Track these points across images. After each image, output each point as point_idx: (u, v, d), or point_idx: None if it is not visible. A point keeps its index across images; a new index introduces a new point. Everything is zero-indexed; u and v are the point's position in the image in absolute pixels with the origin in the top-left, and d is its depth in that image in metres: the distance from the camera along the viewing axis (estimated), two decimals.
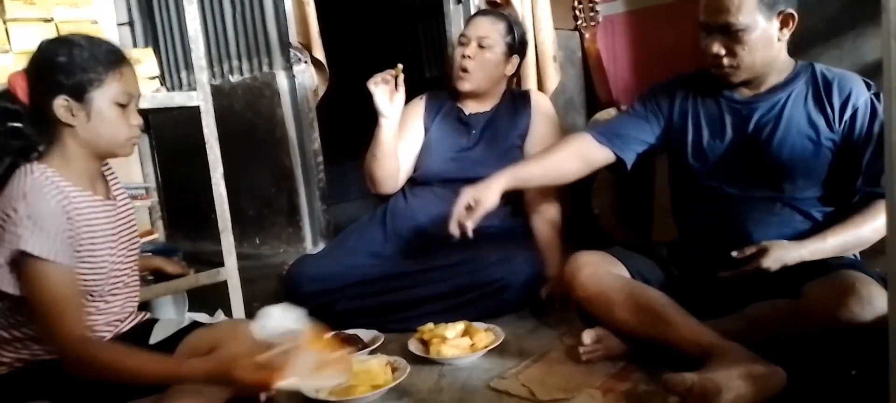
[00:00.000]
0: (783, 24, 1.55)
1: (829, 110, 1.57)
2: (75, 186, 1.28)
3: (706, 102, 1.71)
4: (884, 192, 1.42)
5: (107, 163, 1.43)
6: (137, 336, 1.41)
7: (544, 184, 1.91)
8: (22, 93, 1.27)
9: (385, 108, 2.02)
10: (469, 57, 2.16)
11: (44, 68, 1.27)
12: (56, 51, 1.27)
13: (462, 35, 2.21)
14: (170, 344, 1.37)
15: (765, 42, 1.55)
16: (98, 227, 1.31)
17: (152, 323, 1.48)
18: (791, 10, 1.54)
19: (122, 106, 1.29)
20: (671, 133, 1.76)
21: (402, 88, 2.06)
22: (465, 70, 2.17)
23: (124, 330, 1.43)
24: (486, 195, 1.75)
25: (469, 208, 1.74)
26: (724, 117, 1.67)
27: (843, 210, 1.56)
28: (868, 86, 1.57)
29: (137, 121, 1.34)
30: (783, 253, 1.46)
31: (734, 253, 1.49)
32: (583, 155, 1.79)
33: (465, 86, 2.21)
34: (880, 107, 1.52)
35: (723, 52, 1.57)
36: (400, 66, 1.98)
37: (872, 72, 2.05)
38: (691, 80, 1.76)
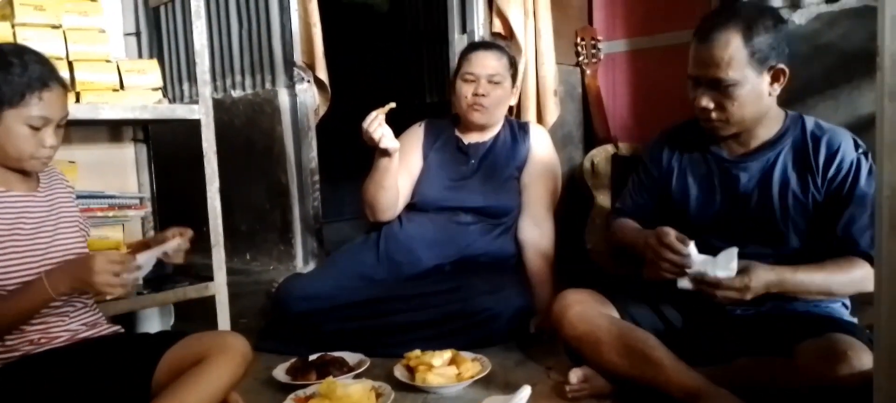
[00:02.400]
0: (774, 79, 1.52)
1: (814, 166, 1.53)
2: None
3: (694, 159, 1.68)
4: (863, 250, 1.44)
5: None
6: (110, 349, 1.40)
7: None
8: None
9: (392, 144, 2.03)
10: (484, 95, 2.18)
11: None
12: None
13: (468, 73, 2.20)
14: (153, 354, 1.36)
15: (755, 97, 1.51)
16: (1, 221, 1.33)
17: (123, 338, 1.47)
18: (782, 65, 1.51)
19: (35, 128, 1.32)
20: (661, 193, 1.75)
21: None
22: (481, 106, 2.19)
23: (91, 337, 1.42)
24: None
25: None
26: (712, 177, 1.64)
27: (820, 255, 1.52)
28: (856, 146, 1.54)
29: (52, 142, 1.35)
30: (762, 275, 1.44)
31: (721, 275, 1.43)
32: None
33: (481, 119, 2.22)
34: (865, 168, 1.50)
35: (712, 105, 1.53)
36: (392, 104, 1.99)
37: (867, 126, 2.08)
38: (678, 136, 1.73)
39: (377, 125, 1.97)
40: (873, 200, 1.46)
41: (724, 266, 1.42)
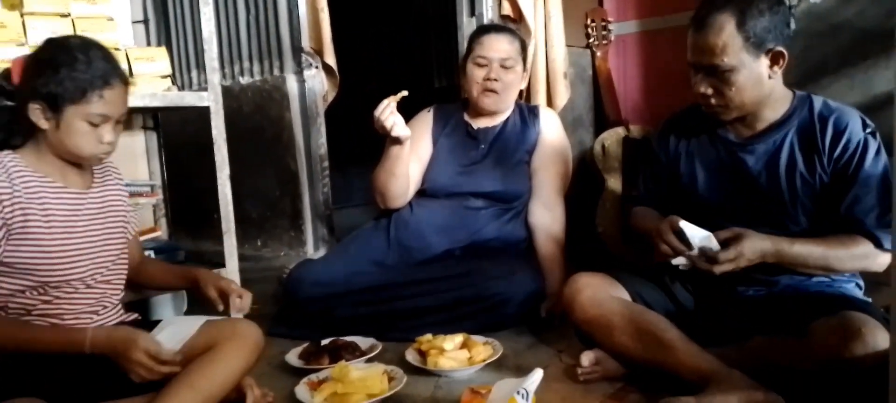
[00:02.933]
0: (773, 62, 1.50)
1: (821, 147, 1.52)
2: (41, 174, 1.34)
3: (701, 143, 1.67)
4: (868, 229, 1.42)
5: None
6: None
7: None
8: (16, 77, 1.33)
9: (404, 132, 2.02)
10: (495, 79, 2.16)
11: (34, 67, 1.31)
12: (52, 55, 1.30)
13: (480, 56, 2.18)
14: None
15: (754, 81, 1.50)
16: (55, 215, 1.33)
17: (139, 324, 1.48)
18: (780, 48, 1.49)
19: (95, 124, 1.32)
20: (671, 178, 1.74)
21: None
22: (493, 91, 2.17)
23: (105, 323, 1.43)
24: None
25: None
26: (720, 160, 1.63)
27: (823, 231, 1.51)
28: (865, 125, 1.52)
29: (110, 138, 1.35)
30: (756, 244, 1.43)
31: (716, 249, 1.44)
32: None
33: (492, 105, 2.20)
34: (872, 148, 1.48)
35: (710, 92, 1.52)
36: (404, 92, 1.98)
37: (883, 105, 2.05)
38: (684, 120, 1.72)
39: (389, 113, 1.96)
40: (879, 180, 1.45)
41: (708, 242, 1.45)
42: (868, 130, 1.50)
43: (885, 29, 2.08)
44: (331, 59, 2.61)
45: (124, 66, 2.00)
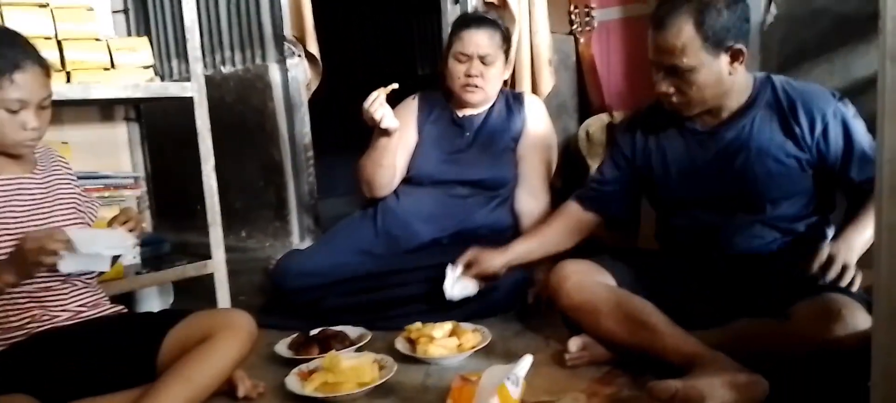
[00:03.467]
0: (733, 58, 1.51)
1: (797, 130, 1.53)
2: None
3: (669, 136, 1.68)
4: None
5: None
6: (115, 328, 1.40)
7: (545, 255, 1.93)
8: None
9: (393, 123, 2.02)
10: (476, 75, 2.16)
11: None
12: None
13: (460, 53, 2.16)
14: (158, 332, 1.36)
15: (714, 79, 1.51)
16: None
17: (127, 317, 1.47)
18: (740, 45, 1.50)
19: (13, 111, 1.30)
20: (640, 175, 1.76)
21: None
22: (476, 86, 2.17)
23: (95, 316, 1.42)
24: (491, 263, 1.86)
25: (469, 265, 1.85)
26: (690, 150, 1.64)
27: (852, 208, 1.53)
28: (832, 95, 1.55)
29: (33, 124, 1.33)
30: (848, 255, 1.41)
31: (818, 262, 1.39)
32: (575, 225, 1.87)
33: (476, 100, 2.21)
34: (849, 112, 1.52)
35: (672, 90, 1.54)
36: (394, 85, 1.99)
37: (862, 89, 2.09)
38: (651, 115, 1.73)
39: (379, 105, 1.96)
40: (870, 140, 1.49)
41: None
42: (837, 98, 1.54)
43: (864, 14, 2.11)
44: (313, 48, 2.58)
45: (105, 56, 1.98)
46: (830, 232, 1.64)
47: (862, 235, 1.46)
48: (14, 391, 1.19)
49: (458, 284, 1.83)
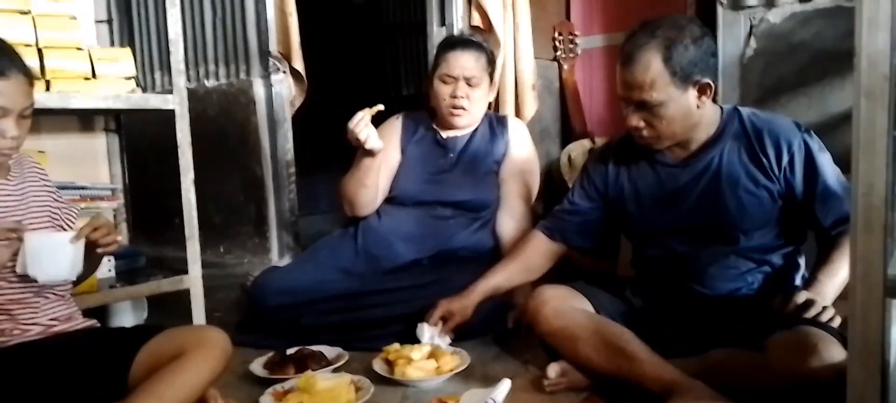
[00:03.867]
0: (701, 92, 1.53)
1: (765, 161, 1.55)
2: None
3: (641, 169, 1.70)
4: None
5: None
6: (85, 343, 1.37)
7: (516, 285, 1.95)
8: None
9: (377, 144, 2.02)
10: (461, 97, 2.17)
11: None
12: None
13: (446, 75, 2.18)
14: (130, 348, 1.34)
15: (683, 113, 1.53)
16: None
17: (99, 331, 1.44)
18: (708, 80, 1.52)
19: None
20: (612, 208, 1.77)
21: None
22: (462, 108, 2.18)
23: (66, 330, 1.39)
24: (465, 310, 1.86)
25: (444, 319, 1.84)
26: (661, 183, 1.66)
27: (822, 252, 1.55)
28: (798, 127, 1.58)
29: (12, 132, 1.31)
30: (823, 300, 1.43)
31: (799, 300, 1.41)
32: (542, 254, 1.88)
33: (462, 122, 2.21)
34: (815, 146, 1.54)
35: (642, 124, 1.55)
36: (380, 106, 2.00)
37: (837, 124, 2.13)
38: (622, 147, 1.74)
39: (364, 126, 1.97)
40: (836, 178, 1.51)
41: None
42: (802, 130, 1.56)
43: (841, 50, 2.16)
44: (299, 64, 2.58)
45: (87, 66, 1.96)
46: (802, 262, 1.66)
47: (834, 279, 1.48)
48: None
49: (434, 340, 1.79)
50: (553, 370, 1.56)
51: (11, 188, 1.40)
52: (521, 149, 2.28)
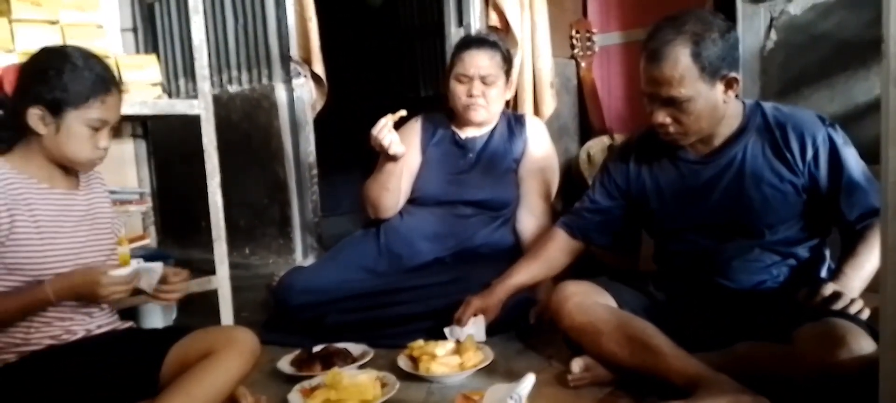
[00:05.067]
0: (727, 87, 1.53)
1: (789, 155, 1.55)
2: (27, 177, 1.35)
3: (663, 166, 1.69)
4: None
5: None
6: (118, 344, 1.41)
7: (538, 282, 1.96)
8: (8, 86, 1.36)
9: (400, 150, 2.04)
10: (477, 95, 2.18)
11: (32, 74, 1.34)
12: (49, 61, 1.33)
13: (461, 74, 2.19)
14: (161, 348, 1.37)
15: (710, 108, 1.53)
16: (41, 216, 1.35)
17: (132, 333, 1.48)
18: (734, 74, 1.52)
19: (95, 129, 1.35)
20: (634, 205, 1.77)
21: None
22: (478, 105, 2.19)
23: (99, 332, 1.43)
24: (495, 307, 1.87)
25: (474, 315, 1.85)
26: (683, 179, 1.65)
27: (850, 244, 1.53)
28: (822, 120, 1.57)
29: (105, 144, 1.39)
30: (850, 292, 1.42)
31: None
32: (563, 251, 1.88)
33: (478, 117, 2.22)
34: (839, 139, 1.53)
35: (668, 121, 1.54)
36: (402, 112, 2.03)
37: (862, 114, 2.10)
38: (644, 144, 1.74)
39: (387, 132, 1.99)
40: (862, 171, 1.50)
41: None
42: (826, 124, 1.55)
43: (865, 40, 2.13)
44: (319, 68, 2.61)
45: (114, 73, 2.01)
46: (827, 254, 1.65)
47: (860, 272, 1.47)
48: None
49: (473, 334, 1.79)
50: (577, 364, 1.57)
51: (81, 199, 1.45)
52: (539, 146, 2.29)
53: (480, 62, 2.18)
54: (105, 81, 1.35)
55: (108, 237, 1.48)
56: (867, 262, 1.47)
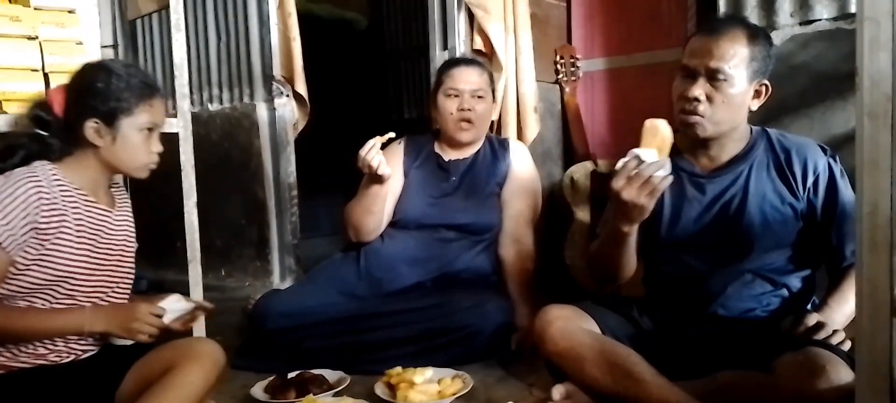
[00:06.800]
0: (757, 94, 1.58)
1: (791, 179, 1.58)
2: (76, 186, 1.38)
3: None
4: None
5: (116, 182, 1.53)
6: (79, 365, 1.38)
7: None
8: (58, 107, 1.39)
9: (388, 171, 2.03)
10: (469, 109, 2.18)
11: (82, 90, 1.38)
12: (96, 76, 1.37)
13: (451, 88, 2.20)
14: (120, 366, 1.34)
15: (739, 103, 1.56)
16: (85, 226, 1.37)
17: (105, 351, 1.44)
18: (766, 82, 1.58)
19: (149, 131, 1.40)
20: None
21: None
22: (469, 121, 2.19)
23: (86, 356, 1.40)
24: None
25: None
26: (686, 193, 1.65)
27: (836, 279, 1.57)
28: (824, 151, 1.61)
29: (158, 148, 1.44)
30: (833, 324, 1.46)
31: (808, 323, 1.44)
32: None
33: (468, 136, 2.22)
34: (837, 170, 1.57)
35: (703, 96, 1.54)
36: (391, 134, 2.02)
37: (839, 145, 2.12)
38: None
39: (375, 153, 1.98)
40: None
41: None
42: (828, 154, 1.60)
43: (840, 72, 2.16)
44: (302, 88, 2.60)
45: None
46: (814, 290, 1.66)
47: (844, 307, 1.49)
48: None
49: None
50: (558, 391, 1.55)
51: (116, 218, 1.47)
52: (522, 170, 2.28)
53: (470, 77, 2.20)
54: (149, 86, 1.40)
55: (130, 256, 1.50)
56: (852, 298, 1.47)
